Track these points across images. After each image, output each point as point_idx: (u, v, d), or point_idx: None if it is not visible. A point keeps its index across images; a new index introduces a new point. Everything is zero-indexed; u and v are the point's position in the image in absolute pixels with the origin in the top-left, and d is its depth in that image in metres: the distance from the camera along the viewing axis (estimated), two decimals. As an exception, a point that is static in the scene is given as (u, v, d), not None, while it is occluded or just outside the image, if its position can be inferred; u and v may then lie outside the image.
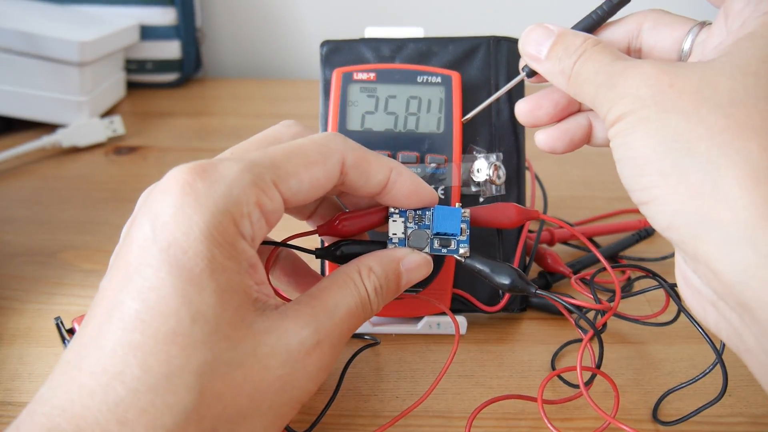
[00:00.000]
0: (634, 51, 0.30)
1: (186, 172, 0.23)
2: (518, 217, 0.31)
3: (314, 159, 0.25)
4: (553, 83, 0.29)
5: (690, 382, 0.32)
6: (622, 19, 0.30)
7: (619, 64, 0.25)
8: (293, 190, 0.25)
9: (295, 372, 0.24)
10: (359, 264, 0.27)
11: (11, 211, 0.50)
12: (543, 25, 0.29)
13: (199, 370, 0.21)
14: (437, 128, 0.36)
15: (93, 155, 0.61)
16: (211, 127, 0.68)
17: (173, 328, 0.21)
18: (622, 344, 0.37)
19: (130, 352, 0.21)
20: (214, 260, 0.22)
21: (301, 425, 0.31)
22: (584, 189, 0.55)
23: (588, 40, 0.27)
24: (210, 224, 0.22)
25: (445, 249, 0.29)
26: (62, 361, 0.22)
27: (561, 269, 0.42)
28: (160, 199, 0.22)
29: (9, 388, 0.33)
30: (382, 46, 0.38)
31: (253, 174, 0.23)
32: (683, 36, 0.28)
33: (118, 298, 0.22)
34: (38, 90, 0.61)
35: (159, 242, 0.22)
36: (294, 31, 0.86)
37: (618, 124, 0.24)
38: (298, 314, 0.24)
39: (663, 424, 0.32)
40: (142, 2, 0.73)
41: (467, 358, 0.36)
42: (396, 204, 0.29)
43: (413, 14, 0.83)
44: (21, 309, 0.39)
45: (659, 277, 0.34)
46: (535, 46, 0.28)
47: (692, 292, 0.25)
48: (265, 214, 0.24)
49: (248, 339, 0.23)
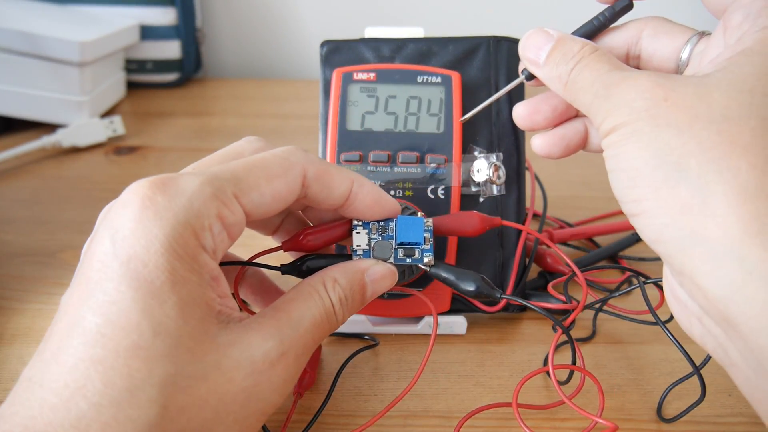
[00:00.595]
0: (633, 57, 0.30)
1: (146, 186, 0.23)
2: (481, 224, 0.31)
3: (275, 172, 0.25)
4: (550, 88, 0.29)
5: (683, 379, 0.33)
6: (623, 26, 0.30)
7: (616, 75, 0.25)
8: (255, 203, 0.25)
9: (260, 384, 0.23)
10: (324, 276, 0.27)
11: (11, 211, 0.51)
12: (543, 30, 0.29)
13: (162, 383, 0.21)
14: (437, 128, 0.36)
15: (93, 155, 0.61)
16: (211, 127, 0.68)
17: (135, 341, 0.21)
18: (622, 344, 0.37)
19: (92, 367, 0.21)
20: (175, 273, 0.22)
21: (299, 425, 0.31)
22: (584, 189, 0.55)
23: (586, 47, 0.27)
24: (170, 237, 0.22)
25: (410, 258, 0.29)
26: (23, 378, 0.22)
27: (561, 269, 0.42)
28: (120, 214, 0.22)
29: (9, 388, 0.33)
30: (382, 46, 0.38)
31: (214, 187, 0.23)
32: (682, 45, 0.28)
33: (79, 313, 0.21)
34: (38, 90, 0.61)
35: (119, 256, 0.21)
36: (294, 31, 0.86)
37: (611, 135, 0.24)
38: (263, 326, 0.24)
39: (666, 421, 0.32)
40: (142, 2, 0.73)
41: (467, 358, 0.36)
42: (359, 216, 0.29)
43: (413, 14, 0.83)
44: (21, 309, 0.39)
45: (641, 276, 0.34)
46: (534, 50, 0.29)
47: (679, 305, 0.26)
48: (226, 227, 0.24)
49: (212, 352, 0.22)
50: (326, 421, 0.32)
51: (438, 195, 0.35)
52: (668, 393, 0.33)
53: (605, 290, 0.42)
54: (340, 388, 0.33)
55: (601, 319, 0.39)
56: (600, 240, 0.47)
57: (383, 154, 0.36)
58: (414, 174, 0.36)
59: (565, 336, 0.30)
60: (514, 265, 0.38)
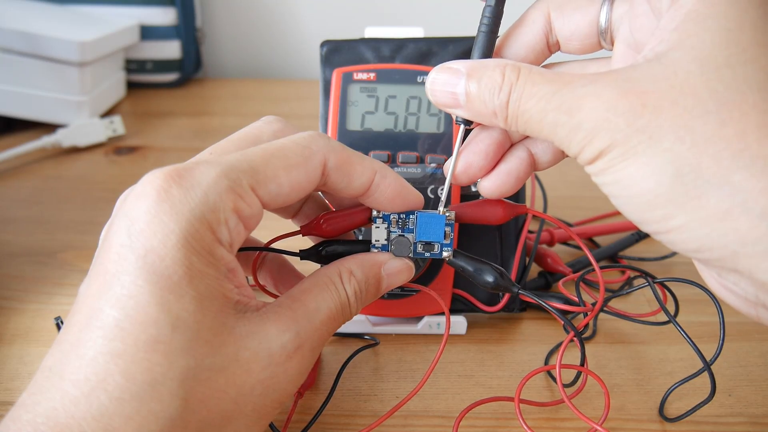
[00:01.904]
0: (553, 45, 0.28)
1: (161, 177, 0.22)
2: (505, 213, 0.30)
3: (295, 161, 0.24)
4: (486, 124, 0.26)
5: (692, 377, 0.33)
6: (525, 18, 0.27)
7: (567, 95, 0.22)
8: (272, 194, 0.24)
9: (277, 376, 0.24)
10: (340, 267, 0.27)
11: (11, 211, 0.51)
12: (445, 67, 0.25)
13: (182, 376, 0.21)
14: (437, 128, 0.36)
15: (93, 155, 0.61)
16: (211, 127, 0.68)
17: (154, 335, 0.21)
18: (623, 344, 0.37)
19: (112, 361, 0.21)
20: (192, 267, 0.22)
21: (299, 425, 0.31)
22: (584, 189, 0.55)
23: (507, 73, 0.24)
24: (186, 232, 0.22)
25: (429, 253, 0.29)
26: (43, 367, 0.22)
27: (561, 269, 0.42)
28: (135, 205, 0.22)
29: (9, 388, 0.33)
30: (382, 46, 0.38)
31: (230, 179, 0.23)
32: (596, 14, 0.26)
33: (97, 305, 0.21)
34: (38, 90, 0.61)
35: (136, 250, 0.21)
36: (294, 31, 0.86)
37: (598, 163, 0.22)
38: (279, 317, 0.24)
39: (669, 421, 0.32)
40: (142, 2, 0.73)
41: (467, 358, 0.36)
42: (380, 207, 0.28)
43: (413, 14, 0.83)
44: (21, 309, 0.39)
45: (649, 277, 0.34)
46: (446, 93, 0.25)
47: (737, 298, 0.24)
48: (242, 220, 0.23)
49: (229, 344, 0.22)
50: (326, 420, 0.32)
51: (438, 195, 0.35)
52: (671, 392, 0.33)
53: (607, 290, 0.42)
54: (339, 387, 0.33)
55: (602, 319, 0.39)
56: (600, 240, 0.47)
57: (383, 154, 0.36)
58: (414, 174, 0.36)
59: (576, 338, 0.29)
60: (514, 264, 0.38)
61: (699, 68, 0.21)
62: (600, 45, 0.27)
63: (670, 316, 0.32)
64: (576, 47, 0.27)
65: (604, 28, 0.26)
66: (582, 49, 0.27)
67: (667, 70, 0.21)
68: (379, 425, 0.30)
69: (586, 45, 0.27)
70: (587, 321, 0.30)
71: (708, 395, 0.30)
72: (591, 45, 0.27)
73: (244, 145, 0.27)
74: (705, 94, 0.20)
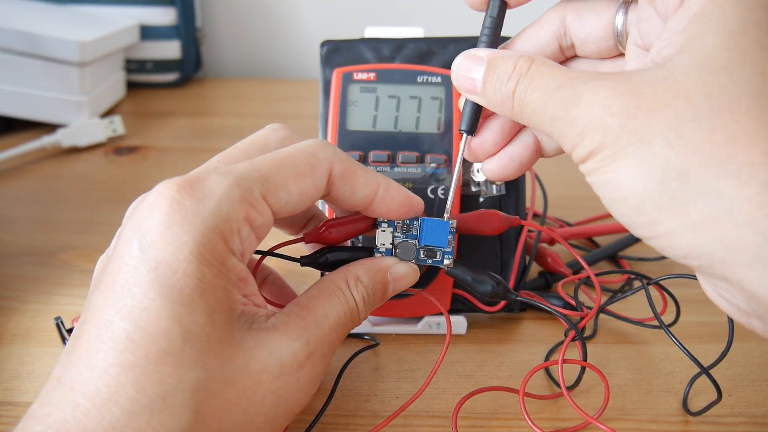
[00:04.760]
0: (567, 49, 0.28)
1: (173, 189, 0.22)
2: (500, 224, 0.31)
3: (303, 170, 0.24)
4: (497, 113, 0.27)
5: (696, 377, 0.33)
6: (543, 19, 0.28)
7: (568, 92, 0.22)
8: (282, 203, 0.24)
9: (289, 386, 0.24)
10: (347, 273, 0.27)
11: (11, 211, 0.50)
12: (470, 54, 0.26)
13: (193, 388, 0.21)
14: (437, 128, 0.36)
15: (93, 155, 0.61)
16: (211, 127, 0.68)
17: (164, 348, 0.21)
18: (623, 344, 0.37)
19: (122, 373, 0.21)
20: (204, 280, 0.22)
21: (300, 425, 0.31)
22: (584, 189, 0.54)
23: (520, 63, 0.24)
24: (199, 243, 0.22)
25: (431, 260, 0.29)
26: (53, 377, 0.22)
27: (561, 269, 0.42)
28: (147, 216, 0.22)
29: (9, 388, 0.33)
30: (382, 46, 0.38)
31: (242, 189, 0.23)
32: (612, 18, 0.26)
33: (107, 317, 0.21)
34: (38, 90, 0.61)
35: (147, 262, 0.21)
36: (294, 31, 0.86)
37: (590, 162, 0.22)
38: (288, 326, 0.24)
39: (693, 415, 0.32)
40: (142, 2, 0.73)
41: (467, 358, 0.36)
42: (382, 217, 0.28)
43: (413, 14, 0.83)
44: (21, 309, 0.39)
45: (644, 279, 0.34)
46: (467, 78, 0.26)
47: (731, 306, 0.23)
48: (254, 229, 0.23)
49: (239, 355, 0.22)
50: (326, 421, 0.32)
51: (438, 195, 0.35)
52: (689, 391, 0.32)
53: (607, 290, 0.42)
54: (339, 387, 0.33)
55: (602, 319, 0.39)
56: (600, 240, 0.47)
57: (383, 154, 0.36)
58: (414, 174, 0.36)
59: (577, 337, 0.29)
60: (515, 265, 0.38)
61: (697, 71, 0.20)
62: (617, 49, 0.27)
63: (661, 322, 0.32)
64: (591, 50, 0.27)
65: (620, 31, 0.26)
66: (598, 52, 0.28)
67: (668, 73, 0.21)
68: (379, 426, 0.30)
69: (602, 48, 0.27)
70: (584, 324, 0.31)
71: (716, 397, 0.30)
72: (607, 48, 0.27)
73: (252, 153, 0.27)
74: (699, 99, 0.20)
